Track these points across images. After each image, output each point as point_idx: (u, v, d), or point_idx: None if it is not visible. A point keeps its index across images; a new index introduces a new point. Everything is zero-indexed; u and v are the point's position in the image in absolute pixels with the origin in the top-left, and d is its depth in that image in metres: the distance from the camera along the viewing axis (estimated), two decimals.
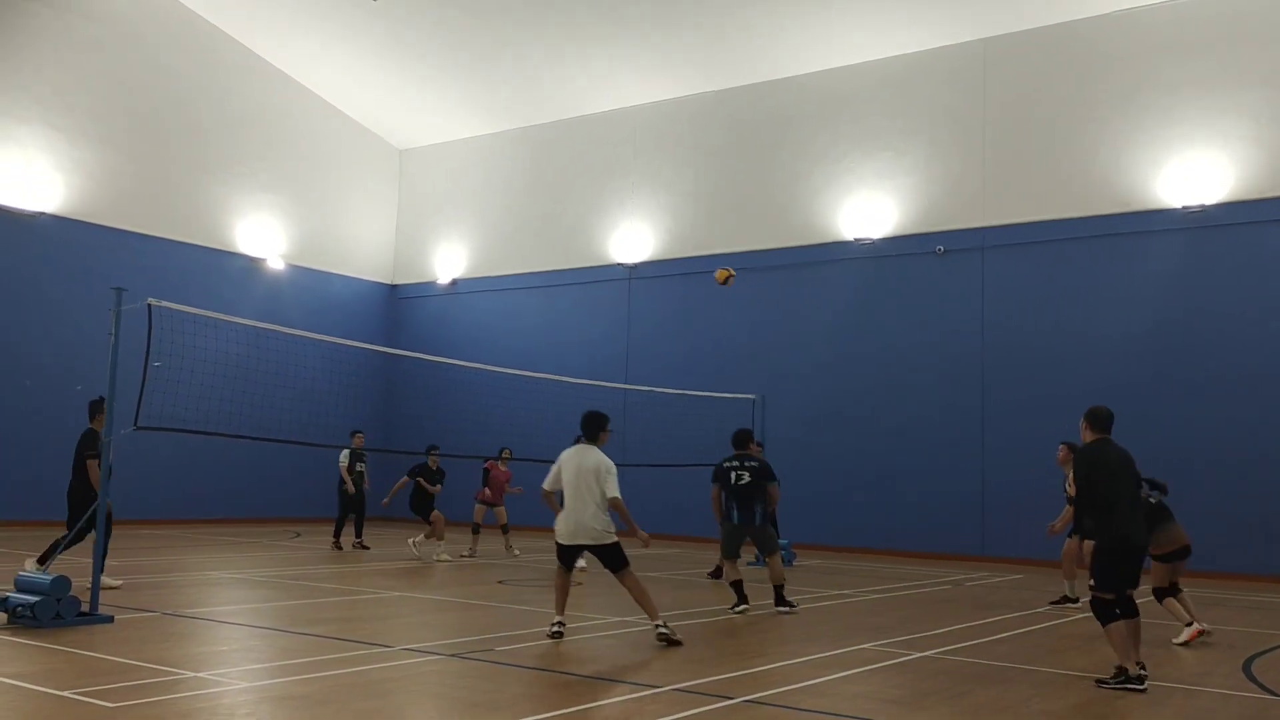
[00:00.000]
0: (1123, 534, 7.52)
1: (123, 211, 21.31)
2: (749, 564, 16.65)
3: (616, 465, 9.18)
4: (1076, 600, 11.89)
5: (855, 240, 20.23)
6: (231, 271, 23.10)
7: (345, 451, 17.29)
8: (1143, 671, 7.37)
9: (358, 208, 26.15)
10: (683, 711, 6.25)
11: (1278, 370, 16.27)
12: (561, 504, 9.21)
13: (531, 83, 23.29)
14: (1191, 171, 17.22)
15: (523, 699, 6.49)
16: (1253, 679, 7.98)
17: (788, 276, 20.97)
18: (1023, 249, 18.58)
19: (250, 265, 23.55)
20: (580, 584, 12.61)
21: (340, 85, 24.74)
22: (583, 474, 9.04)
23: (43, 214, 20.11)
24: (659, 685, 6.98)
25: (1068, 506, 11.42)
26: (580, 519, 8.97)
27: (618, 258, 23.25)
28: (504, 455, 16.79)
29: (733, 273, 14.70)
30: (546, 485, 9.31)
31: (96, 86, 21.09)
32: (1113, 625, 7.48)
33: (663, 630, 8.75)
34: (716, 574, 14.03)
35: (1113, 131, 17.95)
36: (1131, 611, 7.57)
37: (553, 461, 9.39)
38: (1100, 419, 7.92)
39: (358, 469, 17.36)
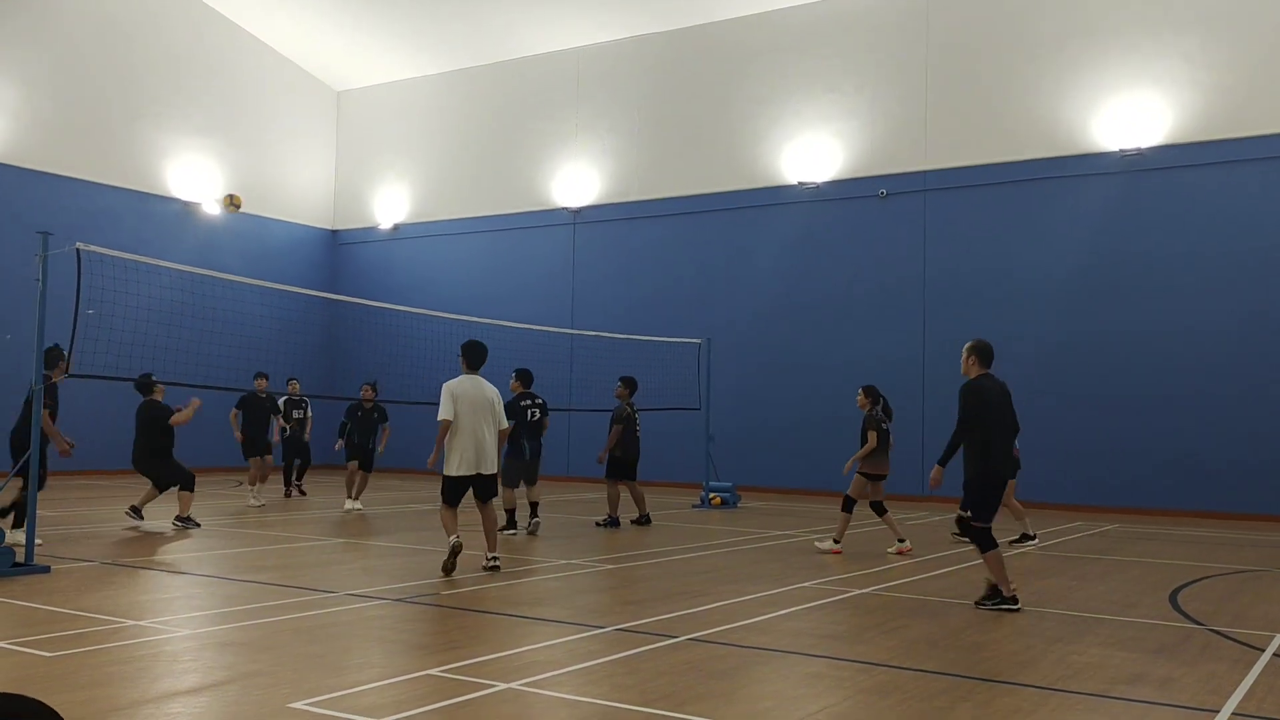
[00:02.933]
0: (997, 466, 7.92)
1: (50, 154, 20.65)
2: (694, 506, 16.85)
3: (563, 408, 9.29)
4: (1034, 537, 12.36)
5: (799, 184, 20.26)
6: (165, 216, 22.54)
7: (281, 400, 17.21)
8: (1015, 593, 7.97)
9: (295, 151, 25.59)
10: (626, 650, 6.33)
11: (1207, 311, 16.69)
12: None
13: (473, 22, 22.84)
14: (1129, 115, 17.45)
15: (469, 641, 6.53)
16: (1178, 608, 8.27)
17: (732, 220, 20.97)
18: (964, 192, 18.76)
19: (184, 210, 23.00)
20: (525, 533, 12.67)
21: (275, 24, 24.06)
22: (483, 405, 9.30)
23: None
24: (603, 625, 7.06)
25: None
26: (484, 449, 9.23)
27: (561, 201, 23.06)
28: None
29: (236, 202, 14.30)
30: (446, 415, 9.19)
31: (21, 25, 20.29)
32: (992, 552, 7.92)
33: (495, 563, 9.38)
34: (612, 523, 13.60)
35: (1053, 76, 18.09)
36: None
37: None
38: (987, 354, 8.32)
39: (294, 416, 17.29)
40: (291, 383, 17.59)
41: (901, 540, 11.34)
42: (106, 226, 19.89)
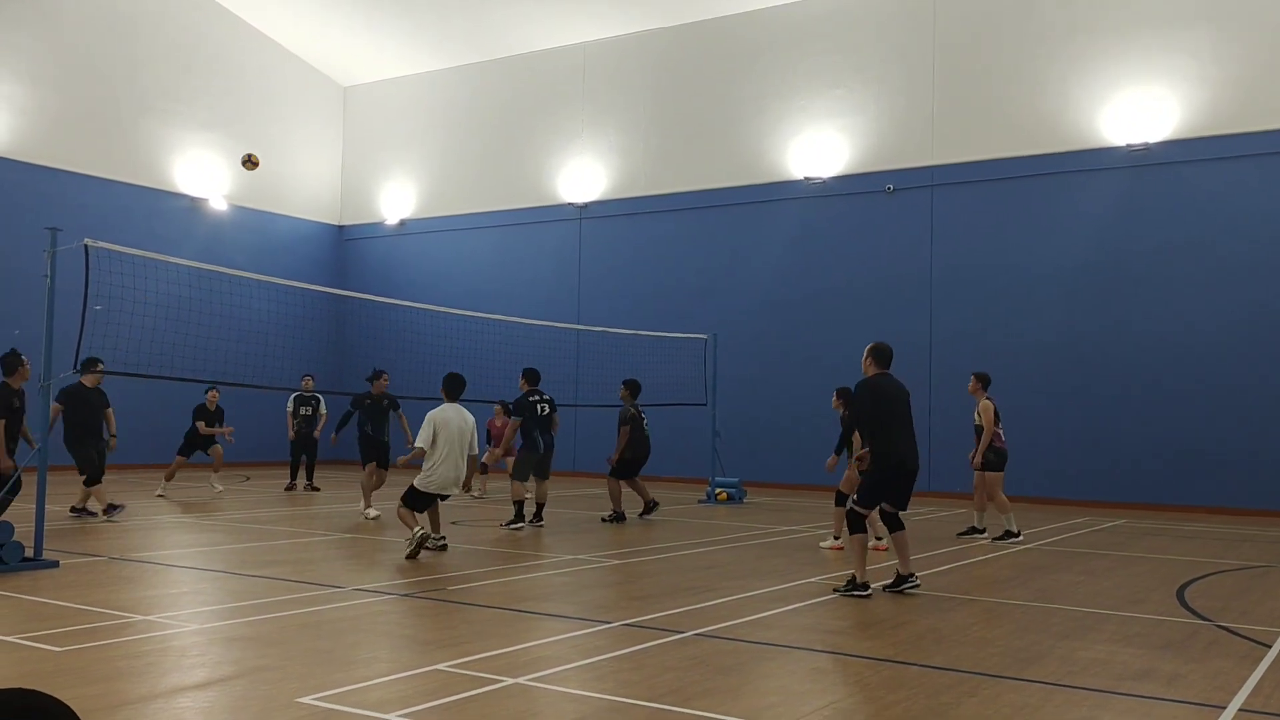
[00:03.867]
0: (898, 458, 8.38)
1: (57, 150, 20.70)
2: (700, 502, 16.88)
3: (569, 404, 9.43)
4: (984, 530, 12.50)
5: (805, 179, 20.24)
6: (172, 212, 22.59)
7: (292, 395, 17.32)
8: (914, 580, 8.42)
9: (302, 146, 25.61)
10: (632, 646, 6.35)
11: (1214, 307, 16.64)
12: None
13: (479, 18, 22.83)
14: (1136, 110, 17.40)
15: (476, 636, 6.55)
16: (1185, 604, 8.26)
17: (738, 215, 20.95)
18: (971, 187, 18.72)
19: (191, 205, 23.05)
20: (543, 525, 12.72)
21: (282, 20, 24.08)
22: (464, 433, 10.33)
23: None
24: (609, 621, 7.07)
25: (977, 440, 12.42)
26: (459, 473, 10.29)
27: (568, 197, 23.06)
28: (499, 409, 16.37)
29: (253, 161, 14.93)
30: (424, 444, 10.14)
31: (28, 21, 20.33)
32: (858, 536, 8.47)
33: (443, 542, 10.31)
34: (618, 518, 13.53)
35: (1059, 71, 18.04)
36: (897, 525, 8.56)
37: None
38: (884, 355, 8.73)
39: (302, 412, 17.34)
40: (306, 379, 17.68)
41: (836, 538, 11.28)
42: (114, 222, 19.92)
